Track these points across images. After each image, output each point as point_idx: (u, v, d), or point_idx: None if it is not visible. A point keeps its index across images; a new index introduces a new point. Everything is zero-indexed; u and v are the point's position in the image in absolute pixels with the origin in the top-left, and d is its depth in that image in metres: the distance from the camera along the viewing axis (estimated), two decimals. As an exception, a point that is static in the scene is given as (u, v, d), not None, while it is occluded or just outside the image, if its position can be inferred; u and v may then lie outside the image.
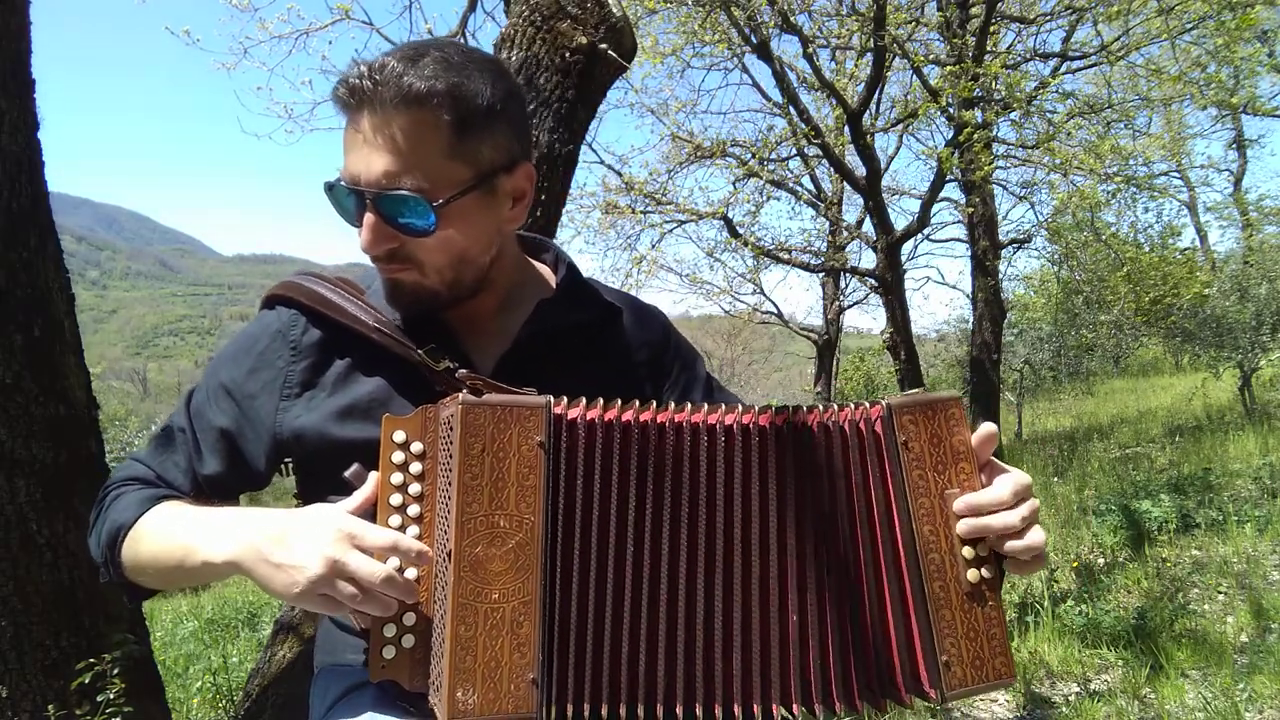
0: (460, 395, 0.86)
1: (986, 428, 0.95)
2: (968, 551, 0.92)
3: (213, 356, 1.13)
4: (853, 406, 0.95)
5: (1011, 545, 0.91)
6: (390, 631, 0.86)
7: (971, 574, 0.92)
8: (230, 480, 1.06)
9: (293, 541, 0.84)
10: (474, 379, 0.95)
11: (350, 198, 0.98)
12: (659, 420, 0.91)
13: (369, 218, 0.96)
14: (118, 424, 16.06)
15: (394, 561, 0.84)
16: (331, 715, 1.04)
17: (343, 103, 0.95)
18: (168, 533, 0.97)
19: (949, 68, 6.72)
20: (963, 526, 0.91)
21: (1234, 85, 8.18)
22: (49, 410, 2.01)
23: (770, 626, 0.91)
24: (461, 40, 6.39)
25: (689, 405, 0.93)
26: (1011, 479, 0.93)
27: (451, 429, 0.86)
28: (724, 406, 0.94)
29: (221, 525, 0.92)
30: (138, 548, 0.99)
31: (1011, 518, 0.90)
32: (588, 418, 0.89)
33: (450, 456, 0.86)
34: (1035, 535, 0.91)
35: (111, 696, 1.89)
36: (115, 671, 1.91)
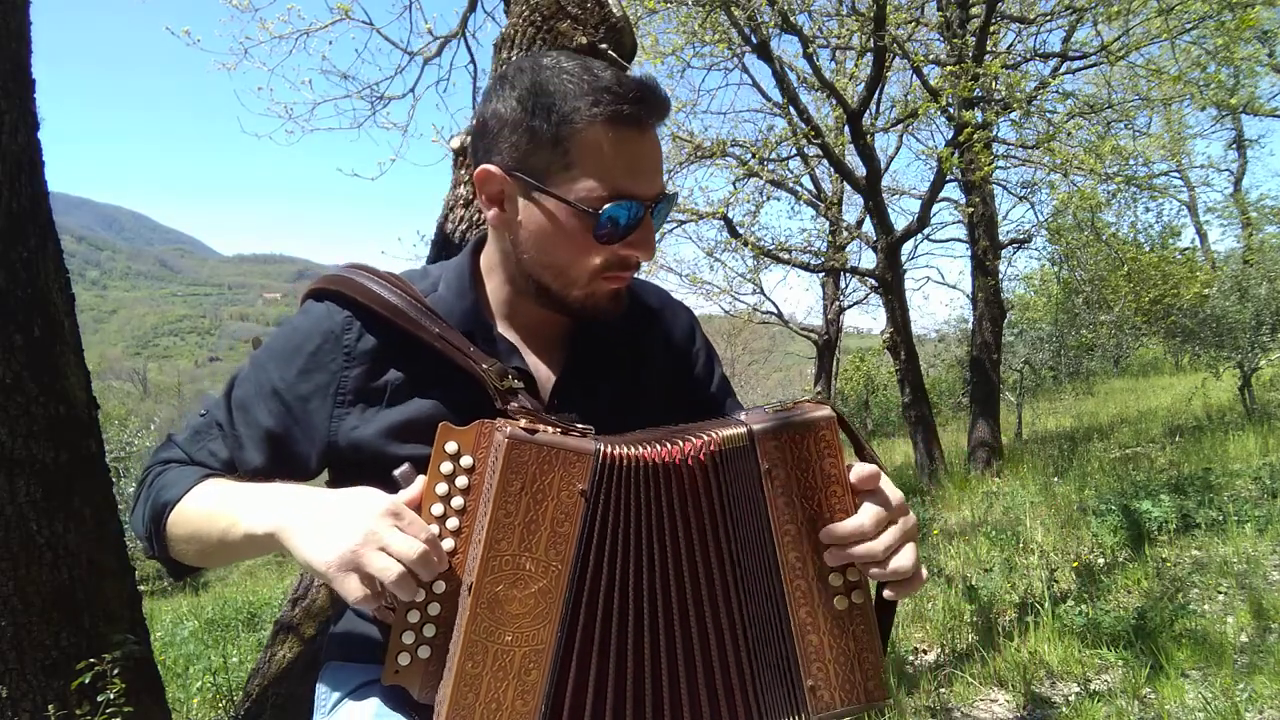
0: (509, 428, 0.85)
1: (867, 469, 0.93)
2: (835, 579, 0.91)
3: (259, 347, 1.09)
4: (719, 433, 0.91)
5: (875, 572, 0.91)
6: (409, 638, 0.86)
7: (840, 601, 0.91)
8: (274, 474, 1.03)
9: (336, 514, 0.85)
10: (527, 412, 0.92)
11: (640, 211, 0.97)
12: (690, 464, 0.89)
13: (650, 224, 0.99)
14: (117, 424, 16.04)
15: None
16: (340, 706, 1.05)
17: (630, 120, 0.94)
18: (212, 507, 0.96)
19: (949, 68, 6.72)
20: (828, 557, 0.91)
21: (1234, 85, 8.18)
22: (49, 410, 2.01)
23: (715, 685, 0.91)
24: (461, 40, 6.39)
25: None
26: (874, 507, 0.92)
27: (494, 455, 0.85)
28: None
29: (265, 499, 0.92)
30: (182, 522, 0.99)
31: (875, 546, 0.90)
32: (629, 460, 0.87)
33: (491, 486, 0.85)
34: (899, 560, 0.91)
35: (111, 696, 1.89)
36: (115, 671, 1.91)
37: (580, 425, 0.90)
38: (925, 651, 3.76)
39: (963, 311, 17.86)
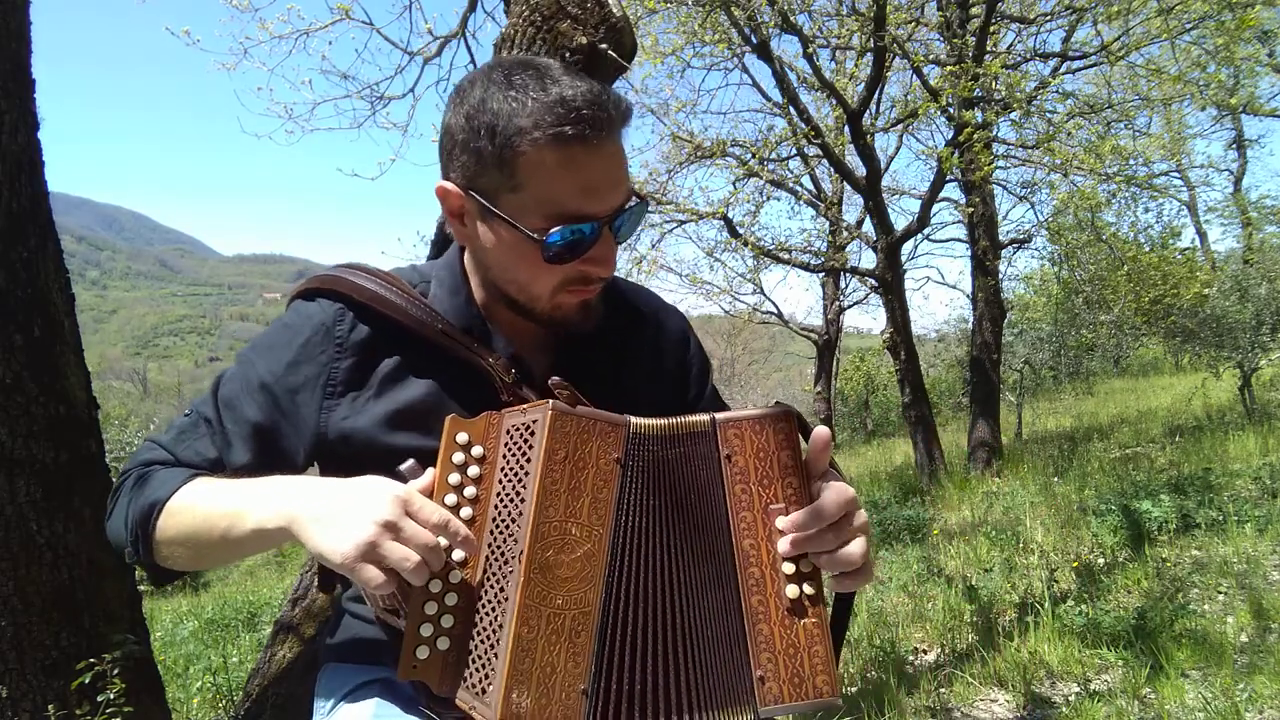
0: (550, 402, 0.87)
1: (820, 432, 0.94)
2: (788, 567, 0.91)
3: (247, 345, 1.08)
4: (686, 421, 0.93)
5: (825, 560, 0.91)
6: (427, 631, 0.86)
7: (791, 590, 0.91)
8: (261, 471, 1.01)
9: (347, 502, 0.84)
10: (562, 388, 0.94)
11: (594, 230, 0.94)
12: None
13: (609, 240, 0.97)
14: (117, 424, 16.06)
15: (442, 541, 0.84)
16: (340, 706, 1.05)
17: (578, 138, 0.90)
18: (211, 503, 0.94)
19: (949, 68, 6.72)
20: (782, 544, 0.91)
21: (1234, 85, 8.19)
22: (49, 410, 2.01)
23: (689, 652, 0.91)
24: (461, 40, 6.40)
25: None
26: (831, 499, 0.91)
27: (521, 437, 0.88)
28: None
29: (272, 491, 0.90)
30: (174, 522, 0.95)
31: (827, 535, 0.90)
32: (653, 437, 0.90)
33: (517, 465, 0.87)
34: (850, 550, 0.91)
35: (111, 696, 1.89)
36: (115, 671, 1.91)
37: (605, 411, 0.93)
38: (925, 651, 3.76)
39: (963, 311, 17.87)
